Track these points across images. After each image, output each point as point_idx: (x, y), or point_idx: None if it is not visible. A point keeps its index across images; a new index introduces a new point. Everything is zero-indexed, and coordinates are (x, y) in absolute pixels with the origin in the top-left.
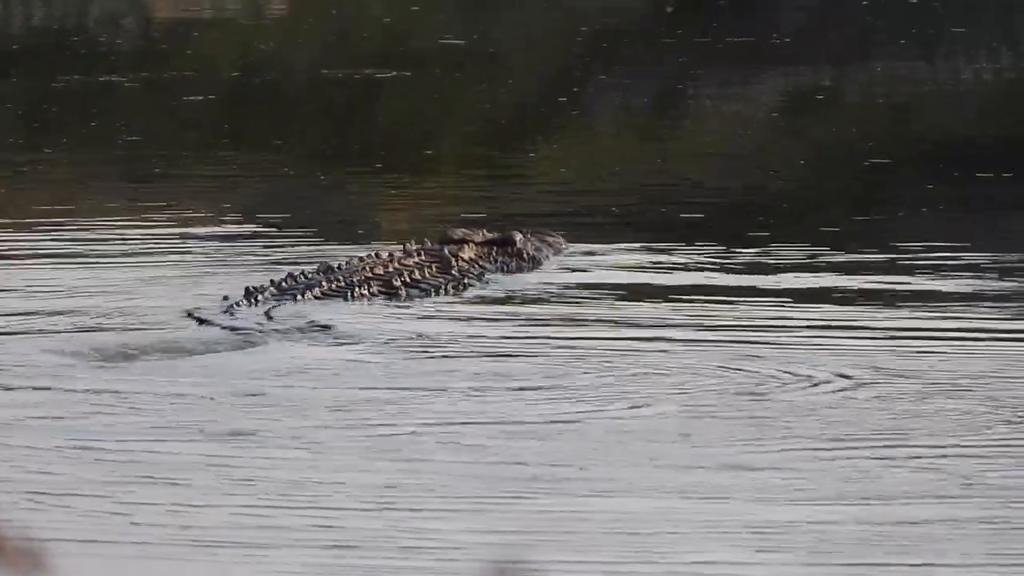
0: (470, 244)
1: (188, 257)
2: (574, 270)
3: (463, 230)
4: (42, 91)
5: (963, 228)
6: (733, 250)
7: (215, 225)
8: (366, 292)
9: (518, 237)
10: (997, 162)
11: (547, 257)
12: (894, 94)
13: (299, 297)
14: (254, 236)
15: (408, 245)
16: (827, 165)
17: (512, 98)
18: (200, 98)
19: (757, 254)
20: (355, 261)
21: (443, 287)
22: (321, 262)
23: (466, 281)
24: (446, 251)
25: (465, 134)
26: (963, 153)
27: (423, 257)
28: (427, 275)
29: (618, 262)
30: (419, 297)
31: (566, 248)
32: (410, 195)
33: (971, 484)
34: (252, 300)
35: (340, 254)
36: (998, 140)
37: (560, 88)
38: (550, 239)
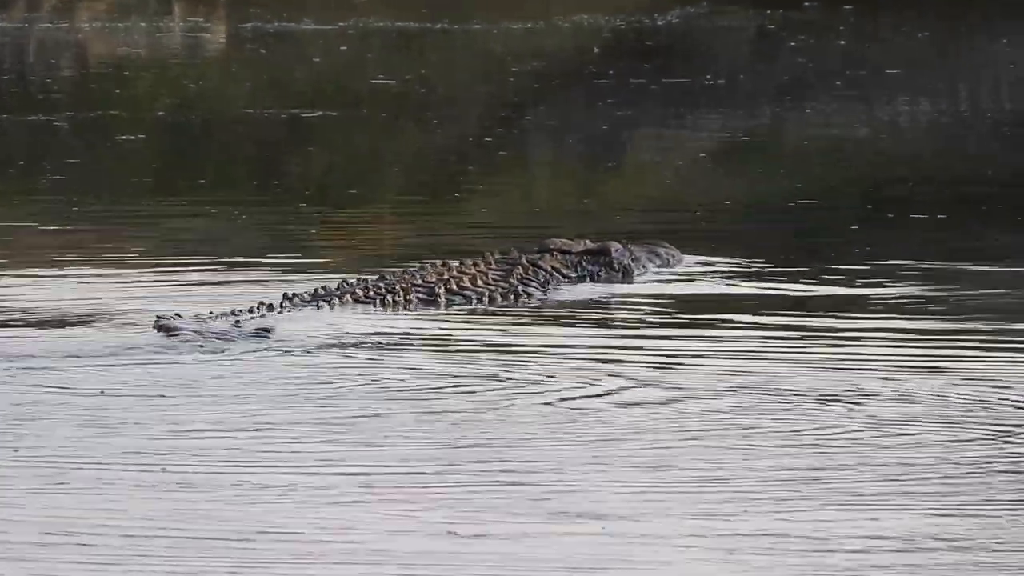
0: (554, 253)
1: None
2: (669, 282)
3: (562, 240)
4: None
5: (892, 269)
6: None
7: (146, 263)
8: (400, 299)
9: (614, 247)
10: (930, 204)
11: (644, 268)
12: (826, 135)
13: (333, 303)
14: (184, 272)
15: (488, 254)
16: (756, 205)
17: (442, 138)
18: (131, 137)
19: (683, 295)
20: (415, 270)
21: (489, 295)
22: (382, 272)
23: (520, 289)
24: (524, 260)
25: (395, 173)
26: (895, 194)
27: (491, 266)
28: (478, 283)
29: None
30: (459, 304)
31: (681, 260)
32: (342, 231)
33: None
34: (281, 306)
35: (273, 289)
36: (930, 182)
37: (491, 129)
38: (663, 250)
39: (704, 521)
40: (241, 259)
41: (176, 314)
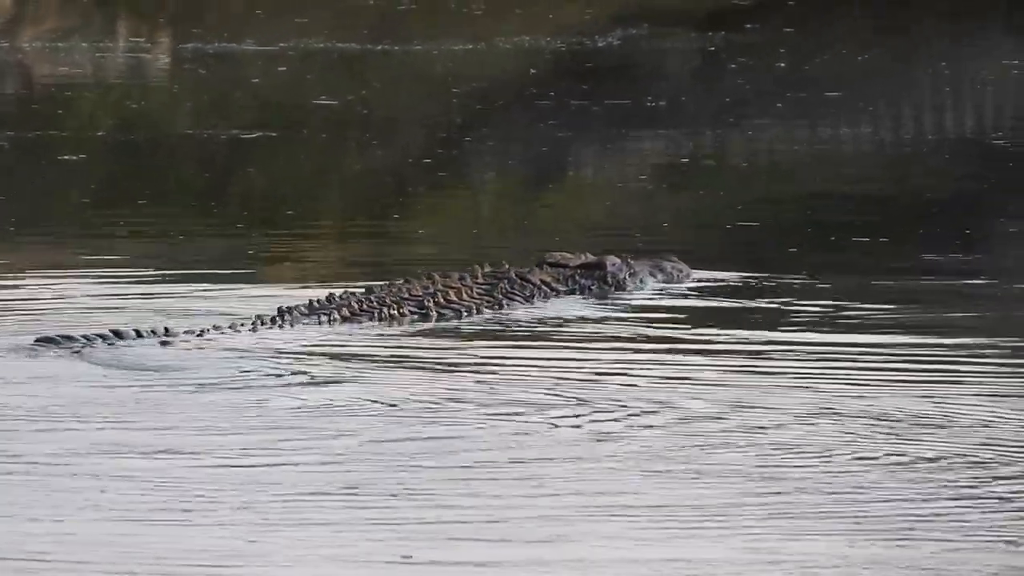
0: (544, 267)
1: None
2: (661, 297)
3: (561, 253)
4: None
5: (832, 291)
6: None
7: (89, 280)
8: (395, 312)
9: (611, 261)
10: (871, 227)
11: (642, 283)
12: (767, 156)
13: (332, 317)
14: (128, 289)
15: (477, 267)
16: (696, 227)
17: (383, 159)
18: (72, 157)
19: (618, 320)
20: (402, 283)
21: (476, 308)
22: (372, 285)
23: (504, 303)
24: (512, 273)
25: (336, 194)
26: (834, 217)
27: (477, 279)
28: (464, 296)
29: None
30: (449, 318)
31: (689, 275)
32: (283, 252)
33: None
34: (280, 319)
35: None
36: (871, 204)
37: (433, 150)
38: (668, 265)
39: (669, 549)
40: (180, 277)
41: (167, 328)
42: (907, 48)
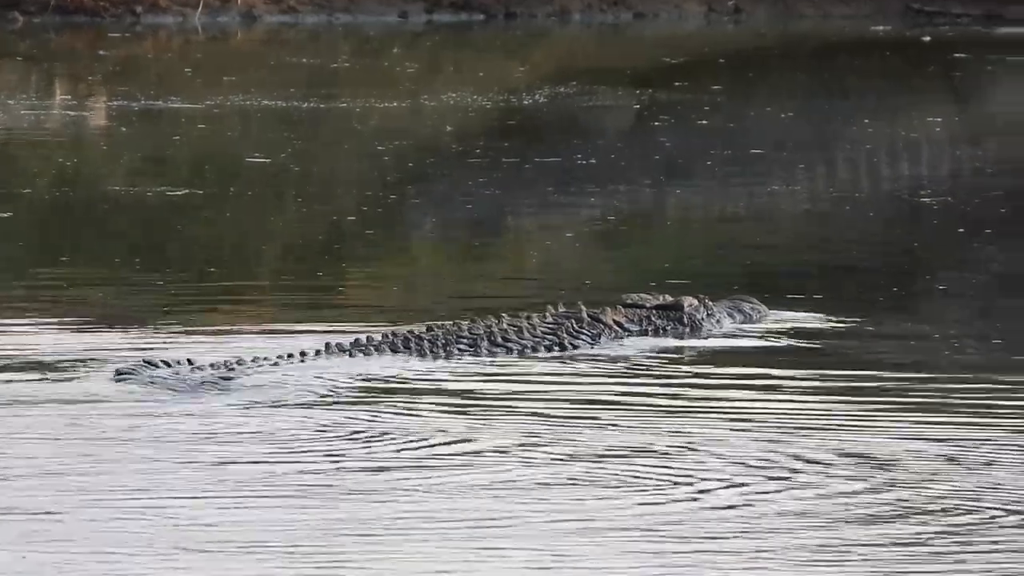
0: (617, 308)
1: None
2: (736, 338)
3: (640, 295)
4: None
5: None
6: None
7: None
8: (440, 351)
9: (688, 301)
10: (796, 284)
11: (718, 324)
12: (696, 213)
13: (370, 352)
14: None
15: (550, 307)
16: (627, 284)
17: (311, 216)
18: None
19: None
20: (470, 322)
21: (532, 347)
22: (434, 323)
23: (568, 342)
24: (583, 313)
25: (264, 250)
26: (765, 269)
27: (545, 319)
28: (524, 335)
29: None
30: (500, 355)
31: (766, 315)
32: (211, 308)
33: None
34: (317, 353)
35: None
36: (796, 262)
37: (362, 207)
38: (747, 306)
39: None
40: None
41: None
42: (832, 106)
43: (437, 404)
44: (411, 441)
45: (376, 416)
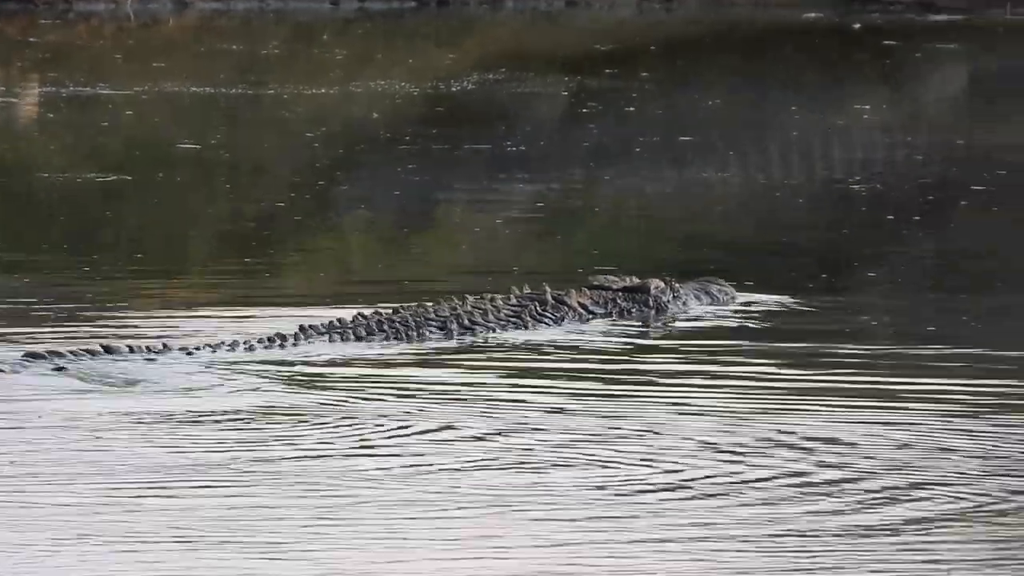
0: (583, 290)
1: None
2: (700, 320)
3: (607, 277)
4: None
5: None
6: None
7: None
8: (413, 333)
9: (654, 284)
10: (730, 269)
11: (683, 306)
12: (626, 200)
13: (347, 336)
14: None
15: (514, 288)
16: (552, 270)
17: (239, 204)
18: None
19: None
20: (435, 304)
21: (498, 328)
22: (410, 303)
23: (531, 324)
24: (548, 295)
25: (193, 238)
26: (697, 257)
27: (509, 301)
28: (489, 318)
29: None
30: (470, 337)
31: (735, 298)
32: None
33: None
34: (297, 337)
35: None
36: (724, 246)
37: (292, 194)
38: (715, 288)
39: None
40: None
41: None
42: (762, 93)
43: (381, 392)
44: (363, 426)
45: (329, 402)
